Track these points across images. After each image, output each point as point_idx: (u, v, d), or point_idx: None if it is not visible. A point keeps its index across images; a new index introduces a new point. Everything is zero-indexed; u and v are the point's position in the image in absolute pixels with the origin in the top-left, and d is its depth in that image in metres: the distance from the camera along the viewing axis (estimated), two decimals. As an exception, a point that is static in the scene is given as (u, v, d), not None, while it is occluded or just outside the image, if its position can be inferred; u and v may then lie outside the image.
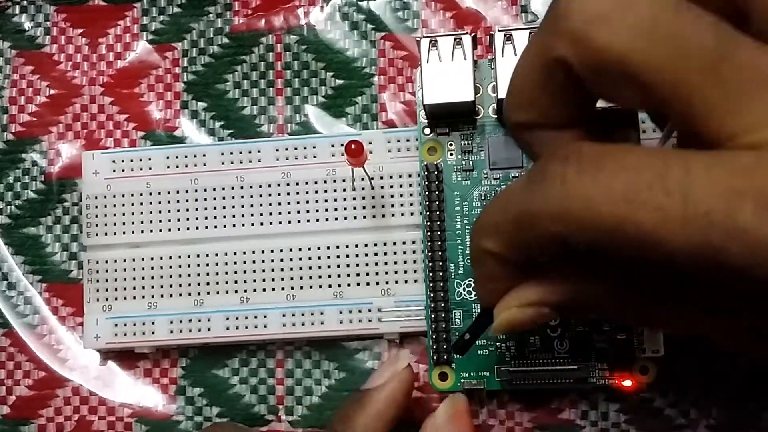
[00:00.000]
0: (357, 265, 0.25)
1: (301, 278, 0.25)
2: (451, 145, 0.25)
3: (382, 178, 0.25)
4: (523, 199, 0.15)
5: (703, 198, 0.12)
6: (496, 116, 0.24)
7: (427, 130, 0.25)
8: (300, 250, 0.25)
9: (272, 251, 0.25)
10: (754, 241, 0.12)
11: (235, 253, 0.26)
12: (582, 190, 0.13)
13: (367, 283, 0.25)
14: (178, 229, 0.26)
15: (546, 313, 0.17)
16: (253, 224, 0.26)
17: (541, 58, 0.15)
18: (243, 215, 0.26)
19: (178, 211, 0.26)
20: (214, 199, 0.26)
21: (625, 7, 0.13)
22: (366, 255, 0.25)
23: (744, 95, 0.13)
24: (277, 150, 0.26)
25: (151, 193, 0.26)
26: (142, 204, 0.26)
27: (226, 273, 0.26)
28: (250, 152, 0.26)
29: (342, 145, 0.24)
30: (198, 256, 0.26)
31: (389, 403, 0.22)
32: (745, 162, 0.12)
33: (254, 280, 0.25)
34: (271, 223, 0.26)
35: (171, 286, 0.26)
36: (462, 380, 0.24)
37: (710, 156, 0.13)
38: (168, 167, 0.26)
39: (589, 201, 0.13)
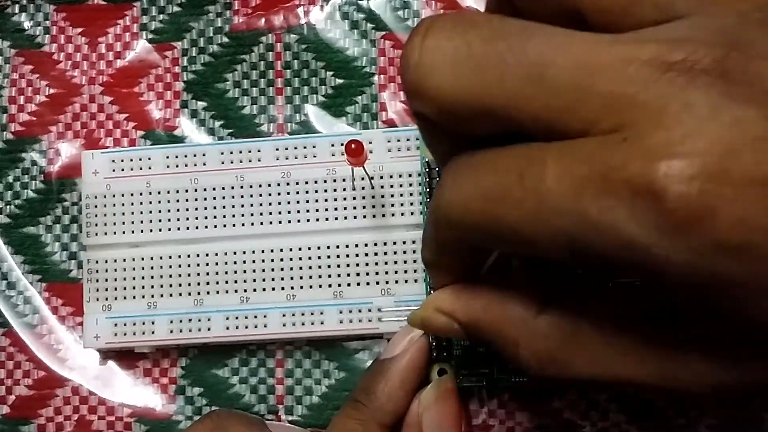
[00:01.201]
0: (357, 265, 0.25)
1: (301, 278, 0.25)
2: (451, 144, 0.24)
3: (382, 177, 0.25)
4: (430, 207, 0.16)
5: (552, 188, 0.13)
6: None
7: (428, 130, 0.25)
8: (300, 250, 0.25)
9: (272, 251, 0.25)
10: (600, 226, 0.12)
11: (235, 253, 0.26)
12: (459, 194, 0.14)
13: (367, 283, 0.25)
14: (178, 229, 0.26)
15: (456, 330, 0.18)
16: (253, 224, 0.26)
17: (412, 111, 0.16)
18: (243, 215, 0.26)
19: (178, 210, 0.26)
20: (214, 198, 0.26)
21: (443, 53, 0.14)
22: (366, 255, 0.25)
23: (577, 95, 0.13)
24: (277, 149, 0.26)
25: (150, 193, 0.26)
26: (141, 203, 0.26)
27: (226, 273, 0.26)
28: (249, 152, 0.26)
29: (342, 144, 0.24)
30: (198, 255, 0.26)
31: (411, 372, 0.23)
32: (589, 148, 0.12)
33: (254, 280, 0.25)
34: (271, 223, 0.26)
35: (171, 285, 0.26)
36: (461, 377, 0.24)
37: (563, 146, 0.13)
38: (168, 167, 0.26)
39: (465, 203, 0.14)
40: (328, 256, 0.25)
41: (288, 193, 0.26)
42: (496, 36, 0.13)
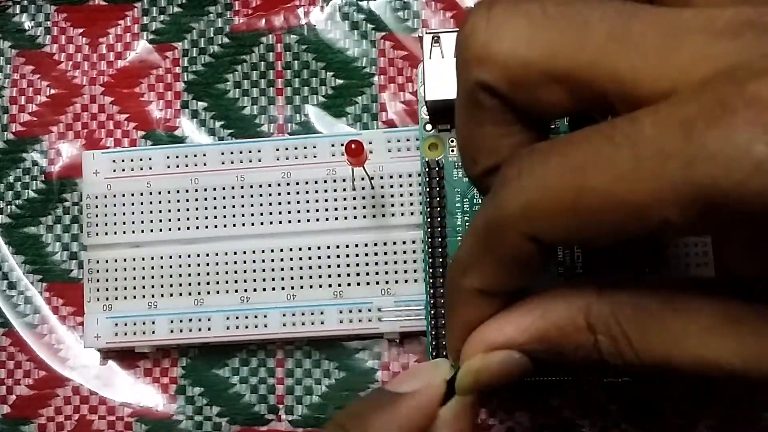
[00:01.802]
0: (357, 264, 0.25)
1: (301, 278, 0.25)
2: (452, 141, 0.25)
3: (382, 178, 0.25)
4: (488, 212, 0.14)
5: (651, 135, 0.11)
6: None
7: (429, 127, 0.25)
8: (300, 249, 0.25)
9: (272, 251, 0.26)
10: (720, 155, 0.11)
11: (235, 253, 0.26)
12: (536, 177, 0.13)
13: (367, 283, 0.25)
14: (179, 229, 0.26)
15: (517, 362, 0.15)
16: (253, 224, 0.26)
17: (465, 93, 0.14)
18: (243, 215, 0.26)
19: (179, 210, 0.26)
20: (215, 198, 0.26)
21: (516, 16, 0.13)
22: (366, 255, 0.25)
23: (664, 50, 0.12)
24: (278, 150, 0.26)
25: (151, 193, 0.26)
26: (142, 204, 0.26)
27: (227, 273, 0.26)
28: (250, 152, 0.26)
29: (342, 144, 0.24)
30: (198, 255, 0.26)
31: (420, 416, 0.17)
32: (687, 94, 0.12)
33: (254, 280, 0.25)
34: (271, 223, 0.26)
35: (171, 285, 0.26)
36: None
37: (653, 106, 0.12)
38: (168, 167, 0.26)
39: (544, 184, 0.13)
40: (328, 256, 0.25)
41: (288, 194, 0.26)
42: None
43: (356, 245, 0.25)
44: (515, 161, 0.13)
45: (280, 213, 0.26)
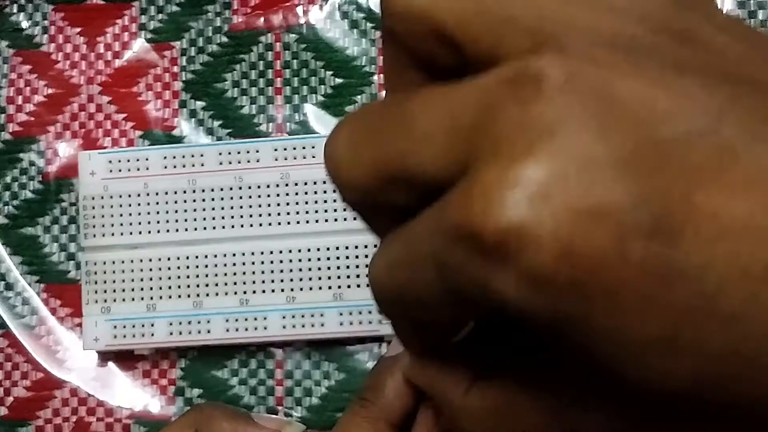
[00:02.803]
0: (357, 266, 0.25)
1: (300, 279, 0.25)
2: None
3: (381, 178, 0.25)
4: None
5: (419, 238, 0.13)
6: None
7: (428, 130, 0.25)
8: (300, 251, 0.25)
9: (272, 252, 0.25)
10: (446, 270, 0.12)
11: (234, 254, 0.25)
12: (373, 266, 0.15)
13: (367, 285, 0.25)
14: (177, 230, 0.26)
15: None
16: (252, 225, 0.26)
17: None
18: (242, 216, 0.26)
19: (176, 211, 0.26)
20: (213, 199, 0.26)
21: (345, 135, 0.14)
22: (366, 256, 0.25)
23: (439, 139, 0.12)
24: (276, 150, 0.26)
25: (148, 194, 0.26)
26: (139, 204, 0.26)
27: (225, 274, 0.25)
28: (248, 152, 0.26)
29: (341, 145, 0.24)
30: (197, 257, 0.26)
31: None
32: (446, 194, 0.12)
33: (254, 282, 0.25)
34: (270, 224, 0.25)
35: (170, 287, 0.26)
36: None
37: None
38: (165, 167, 0.26)
39: (376, 274, 0.14)
40: (328, 258, 0.25)
41: (287, 194, 0.25)
42: (384, 108, 0.14)
43: (356, 247, 0.25)
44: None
45: (279, 214, 0.25)
